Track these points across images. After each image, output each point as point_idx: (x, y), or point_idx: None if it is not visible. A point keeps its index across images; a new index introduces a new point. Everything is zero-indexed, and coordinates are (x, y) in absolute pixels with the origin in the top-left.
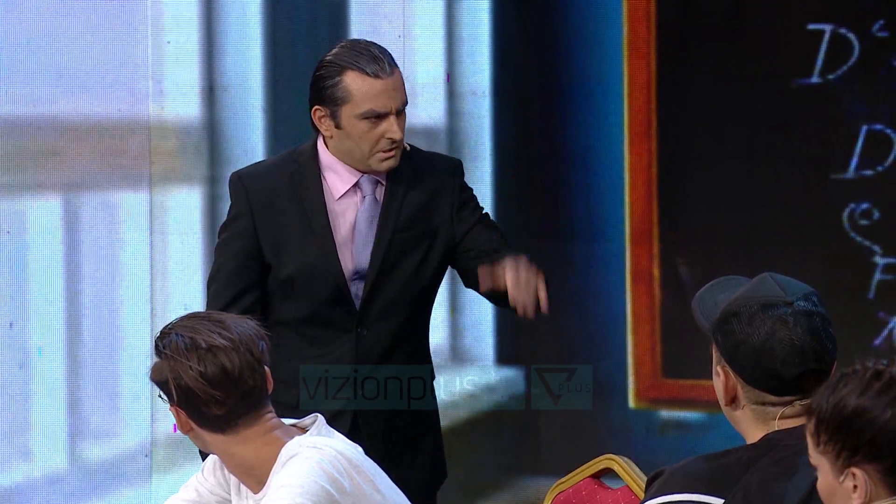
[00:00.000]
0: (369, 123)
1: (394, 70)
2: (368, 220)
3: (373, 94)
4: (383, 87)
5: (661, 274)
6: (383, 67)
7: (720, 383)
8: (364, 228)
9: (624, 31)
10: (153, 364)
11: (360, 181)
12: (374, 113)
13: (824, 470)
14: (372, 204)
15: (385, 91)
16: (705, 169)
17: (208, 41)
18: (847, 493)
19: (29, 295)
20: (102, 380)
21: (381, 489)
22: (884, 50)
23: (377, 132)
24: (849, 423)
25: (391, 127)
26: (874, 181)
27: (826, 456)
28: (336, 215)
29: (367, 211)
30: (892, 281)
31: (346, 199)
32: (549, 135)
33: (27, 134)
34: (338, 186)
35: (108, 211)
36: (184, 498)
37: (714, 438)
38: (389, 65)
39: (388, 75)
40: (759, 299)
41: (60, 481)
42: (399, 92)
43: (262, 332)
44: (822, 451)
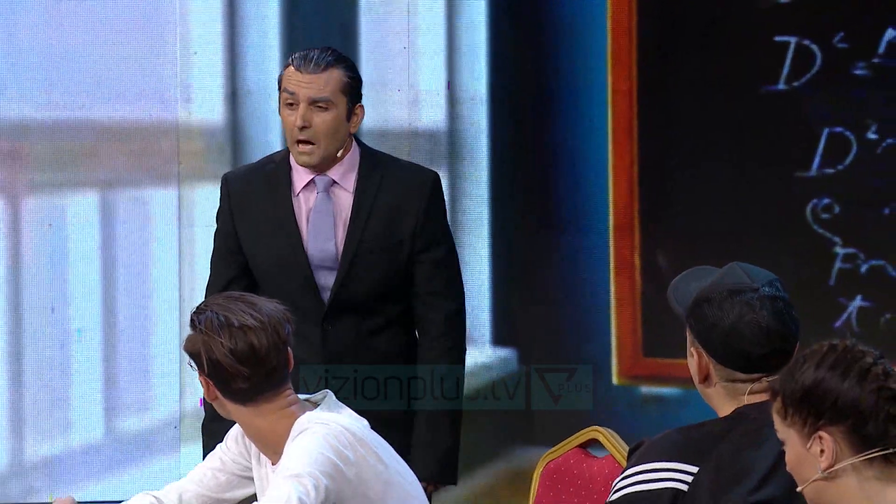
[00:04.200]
0: (286, 109)
1: (324, 67)
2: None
3: (290, 80)
4: (299, 77)
5: (641, 263)
6: (307, 65)
7: (694, 363)
8: (318, 221)
9: (608, 42)
10: (188, 336)
11: (315, 178)
12: (287, 92)
13: (792, 442)
14: (324, 200)
15: (300, 80)
16: (682, 168)
17: (231, 51)
18: (814, 459)
19: (69, 282)
20: (135, 359)
21: (384, 460)
22: (843, 60)
23: (290, 119)
24: (810, 393)
25: (298, 114)
26: (835, 179)
27: (793, 427)
28: (299, 208)
29: (321, 205)
30: (850, 269)
31: (304, 193)
32: (540, 137)
33: (67, 136)
34: (298, 182)
35: (140, 206)
36: (209, 465)
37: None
38: (316, 64)
39: (310, 71)
40: (727, 286)
41: (97, 451)
42: (314, 85)
43: (289, 315)
44: (789, 424)
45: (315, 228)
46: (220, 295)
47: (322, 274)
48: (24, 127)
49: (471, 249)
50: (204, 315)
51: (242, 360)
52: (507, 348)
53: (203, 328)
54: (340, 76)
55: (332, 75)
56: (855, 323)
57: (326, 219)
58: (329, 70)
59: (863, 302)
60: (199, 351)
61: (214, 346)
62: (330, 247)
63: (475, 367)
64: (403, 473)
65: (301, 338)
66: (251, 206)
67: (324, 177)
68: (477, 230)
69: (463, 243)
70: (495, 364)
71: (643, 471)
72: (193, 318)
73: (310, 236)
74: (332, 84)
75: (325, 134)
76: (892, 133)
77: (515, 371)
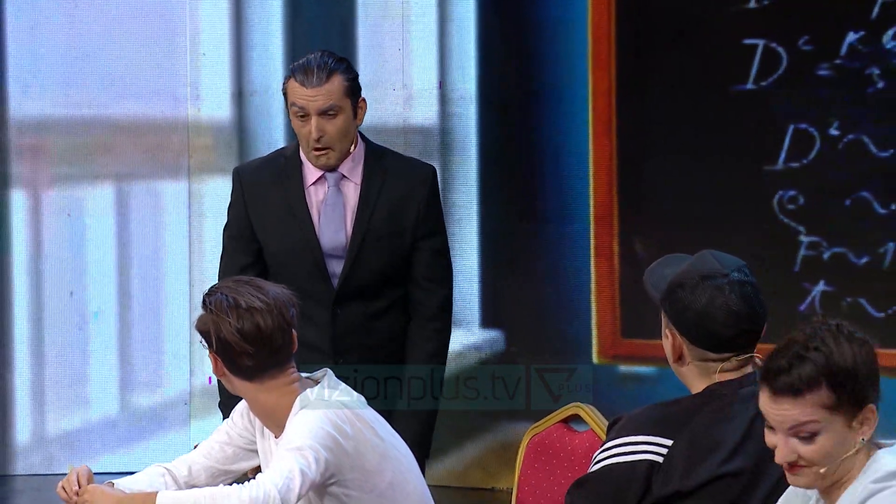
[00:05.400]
0: (297, 120)
1: (325, 78)
2: (332, 205)
3: (296, 95)
4: (305, 92)
5: (619, 250)
6: (309, 79)
7: (668, 344)
8: (330, 213)
9: (588, 45)
10: (199, 316)
11: (325, 173)
12: (297, 107)
13: (834, 428)
14: (335, 194)
15: (306, 95)
16: (658, 162)
17: (237, 54)
18: (855, 435)
19: (87, 268)
20: (149, 340)
21: (380, 434)
22: (808, 61)
23: (304, 130)
24: (857, 372)
25: (311, 125)
26: (800, 172)
27: (840, 412)
28: (311, 200)
29: (331, 198)
30: (814, 256)
31: (315, 186)
32: (526, 133)
33: (85, 132)
34: (309, 176)
35: (153, 197)
36: (216, 439)
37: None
38: (318, 77)
39: (314, 85)
40: (699, 272)
41: (113, 425)
42: (321, 97)
43: (294, 299)
44: (835, 412)
45: (327, 219)
46: (230, 278)
47: (332, 261)
48: (45, 124)
49: (461, 238)
50: (214, 297)
51: (249, 339)
52: (494, 330)
53: (213, 309)
54: (341, 81)
55: (335, 83)
56: (818, 306)
57: (337, 210)
58: (331, 79)
59: (826, 286)
60: (208, 330)
61: (223, 325)
62: (340, 236)
63: (465, 347)
64: (398, 446)
65: (311, 320)
66: (264, 196)
67: (334, 172)
68: (467, 220)
69: (453, 232)
70: (484, 344)
71: (621, 444)
72: (205, 299)
73: (322, 227)
74: (336, 91)
75: (339, 138)
76: (853, 129)
77: (502, 351)
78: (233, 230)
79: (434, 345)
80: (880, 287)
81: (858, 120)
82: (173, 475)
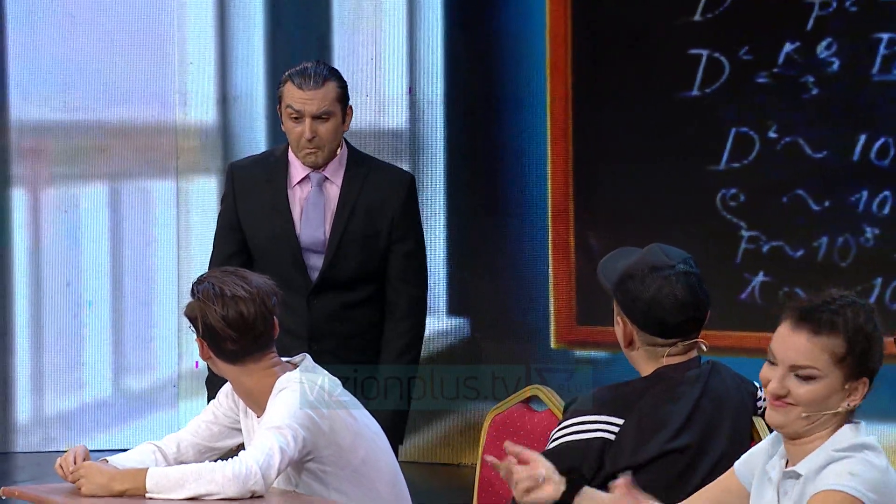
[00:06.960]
0: (291, 122)
1: (321, 83)
2: (314, 204)
3: (292, 98)
4: (301, 95)
5: (575, 243)
6: (307, 82)
7: (620, 330)
8: (311, 211)
9: (547, 56)
10: (188, 303)
11: (310, 174)
12: (292, 108)
13: (832, 379)
14: (317, 194)
15: (303, 97)
16: (610, 163)
17: (222, 62)
18: (843, 395)
19: (82, 260)
20: (139, 327)
21: (353, 414)
22: (748, 69)
23: (297, 131)
24: (870, 340)
25: (304, 127)
26: (741, 172)
27: (843, 367)
28: (294, 198)
29: (314, 197)
30: (754, 249)
31: (300, 185)
32: (489, 136)
33: (80, 135)
34: (295, 175)
35: (143, 195)
36: (203, 419)
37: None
38: (315, 82)
39: (311, 88)
40: (648, 264)
41: (106, 407)
42: (316, 101)
43: (276, 289)
44: (838, 365)
45: (307, 217)
46: (217, 269)
47: (310, 256)
48: (44, 127)
49: (429, 233)
50: (202, 285)
51: (233, 325)
52: (460, 317)
53: (200, 297)
54: (335, 87)
55: (329, 89)
56: (758, 295)
57: (318, 210)
58: (326, 84)
59: (764, 277)
60: (196, 316)
61: (209, 312)
62: (319, 234)
63: (433, 333)
64: (371, 426)
65: (289, 309)
66: (252, 191)
67: (318, 173)
68: (434, 216)
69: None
70: (451, 330)
71: (576, 423)
72: (193, 287)
73: (302, 224)
74: (330, 97)
75: (329, 140)
76: (789, 132)
77: (467, 337)
78: (223, 220)
79: (404, 341)
80: (814, 278)
81: (795, 124)
82: (163, 452)
